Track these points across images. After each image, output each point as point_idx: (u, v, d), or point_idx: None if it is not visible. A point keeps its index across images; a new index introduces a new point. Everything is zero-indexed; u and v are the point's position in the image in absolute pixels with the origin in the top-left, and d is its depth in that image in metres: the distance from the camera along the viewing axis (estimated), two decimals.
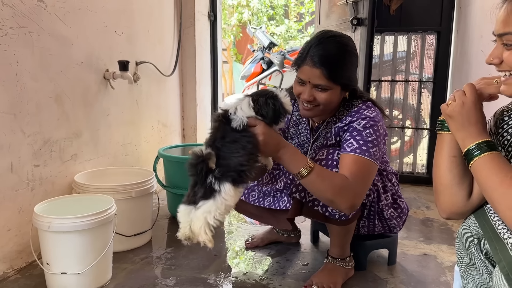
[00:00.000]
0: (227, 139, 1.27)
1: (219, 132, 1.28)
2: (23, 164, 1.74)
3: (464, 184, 1.03)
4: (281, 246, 2.02)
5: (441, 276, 1.75)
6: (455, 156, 1.04)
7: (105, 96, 2.27)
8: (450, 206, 1.06)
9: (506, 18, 0.90)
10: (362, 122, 1.47)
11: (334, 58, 1.44)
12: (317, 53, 1.44)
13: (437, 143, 1.10)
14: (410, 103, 3.21)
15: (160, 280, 1.69)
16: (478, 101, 0.99)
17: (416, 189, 3.04)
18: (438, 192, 1.09)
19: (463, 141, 0.98)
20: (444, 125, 1.06)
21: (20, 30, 1.68)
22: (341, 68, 1.45)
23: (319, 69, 1.43)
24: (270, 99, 1.31)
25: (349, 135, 1.47)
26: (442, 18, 2.96)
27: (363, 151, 1.43)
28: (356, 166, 1.41)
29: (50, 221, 1.49)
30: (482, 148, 0.94)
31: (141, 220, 1.99)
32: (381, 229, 1.70)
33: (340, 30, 3.11)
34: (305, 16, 10.10)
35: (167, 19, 2.95)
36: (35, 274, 1.71)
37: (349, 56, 1.49)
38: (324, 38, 1.47)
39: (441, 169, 1.07)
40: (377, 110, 1.53)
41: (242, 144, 1.26)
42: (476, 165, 0.94)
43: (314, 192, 1.41)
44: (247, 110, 1.29)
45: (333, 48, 1.45)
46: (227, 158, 1.24)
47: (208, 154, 1.23)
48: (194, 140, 3.28)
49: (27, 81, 1.74)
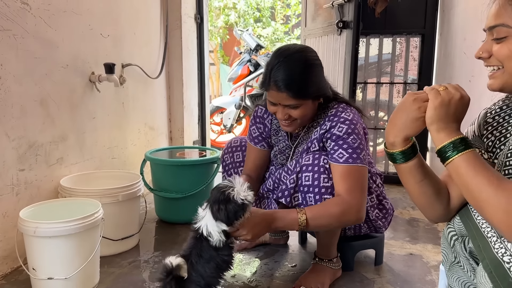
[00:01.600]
0: (204, 257, 1.30)
1: (196, 249, 1.31)
2: (8, 169, 1.72)
3: (441, 197, 1.03)
4: (269, 248, 2.03)
5: (427, 275, 1.78)
6: (422, 180, 1.01)
7: (91, 99, 2.26)
8: (436, 217, 1.08)
9: (497, 11, 0.90)
10: (343, 127, 1.48)
11: (296, 78, 1.42)
12: (279, 77, 1.42)
13: (398, 173, 1.05)
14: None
15: (148, 284, 1.68)
16: None
17: (402, 189, 3.07)
18: (421, 209, 1.09)
19: (437, 135, 0.91)
20: (395, 158, 1.01)
21: (4, 32, 1.66)
22: (306, 85, 1.44)
23: (285, 92, 1.43)
24: (222, 204, 1.28)
25: (335, 145, 1.48)
26: (426, 21, 3.01)
27: (354, 159, 1.46)
28: (352, 178, 1.44)
29: (36, 226, 1.48)
30: (459, 146, 0.88)
31: (128, 223, 1.98)
32: (367, 229, 1.73)
33: (326, 33, 3.14)
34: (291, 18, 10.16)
35: (154, 21, 2.94)
36: (20, 280, 1.68)
37: (311, 69, 1.46)
38: (281, 59, 1.44)
39: (415, 194, 1.05)
40: (353, 110, 1.55)
41: (217, 263, 1.31)
42: (455, 164, 0.89)
43: (322, 229, 1.51)
44: (210, 227, 1.30)
45: (293, 68, 1.43)
46: (200, 276, 1.29)
47: (177, 266, 1.25)
48: (181, 143, 3.27)
49: (11, 84, 1.71)
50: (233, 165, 1.89)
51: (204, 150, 2.69)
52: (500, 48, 0.91)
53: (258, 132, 1.75)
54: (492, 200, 0.83)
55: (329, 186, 1.48)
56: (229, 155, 1.90)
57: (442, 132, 0.91)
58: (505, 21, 0.88)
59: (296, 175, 1.53)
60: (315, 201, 1.49)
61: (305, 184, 1.50)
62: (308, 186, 1.50)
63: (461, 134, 0.91)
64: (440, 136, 0.91)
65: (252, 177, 1.74)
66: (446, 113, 0.91)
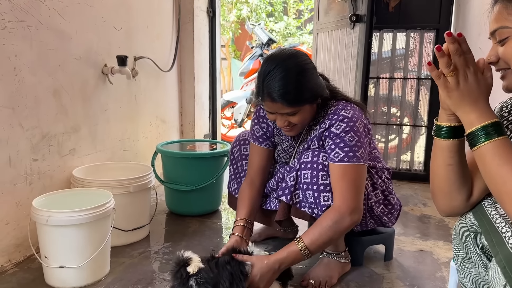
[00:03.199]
0: None
1: None
2: (21, 158, 1.74)
3: (464, 189, 1.01)
4: (278, 241, 2.03)
5: (437, 272, 1.76)
6: (452, 165, 0.99)
7: (103, 91, 2.27)
8: (450, 208, 1.05)
9: (495, 16, 0.92)
10: (341, 126, 1.46)
11: (289, 87, 1.39)
12: (272, 88, 1.40)
13: (433, 148, 1.04)
14: (408, 101, 3.21)
15: (157, 274, 1.70)
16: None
17: (413, 186, 3.05)
18: (437, 196, 1.06)
19: (468, 118, 0.88)
20: (441, 130, 0.98)
21: (18, 24, 1.68)
22: (300, 91, 1.42)
23: (279, 102, 1.42)
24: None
25: (333, 143, 1.47)
26: (440, 15, 2.96)
27: (350, 158, 1.44)
28: (346, 179, 1.43)
29: (48, 214, 1.50)
30: (490, 132, 0.85)
31: (139, 214, 1.99)
32: (374, 224, 1.71)
33: (338, 27, 3.11)
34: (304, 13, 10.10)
35: (166, 14, 2.94)
36: (33, 268, 1.71)
37: (303, 75, 1.43)
38: (272, 67, 1.41)
39: (438, 177, 1.03)
40: (354, 107, 1.52)
41: None
42: (483, 151, 0.86)
43: (328, 245, 1.51)
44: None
45: (285, 77, 1.40)
46: None
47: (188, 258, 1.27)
48: (192, 136, 3.28)
49: (26, 75, 1.73)
50: (240, 157, 1.89)
51: (214, 144, 2.70)
52: (504, 49, 0.92)
53: (262, 131, 1.73)
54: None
55: (328, 183, 1.47)
56: (237, 148, 1.90)
57: (471, 114, 0.88)
58: (504, 23, 0.90)
59: (296, 173, 1.53)
60: (314, 198, 1.49)
61: (304, 181, 1.50)
62: (308, 184, 1.49)
63: (493, 116, 0.88)
64: (470, 118, 0.88)
65: (256, 183, 1.72)
66: (462, 96, 0.88)
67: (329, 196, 1.47)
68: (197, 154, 2.38)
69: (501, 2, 0.92)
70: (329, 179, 1.47)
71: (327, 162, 1.49)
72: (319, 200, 1.48)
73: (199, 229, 2.19)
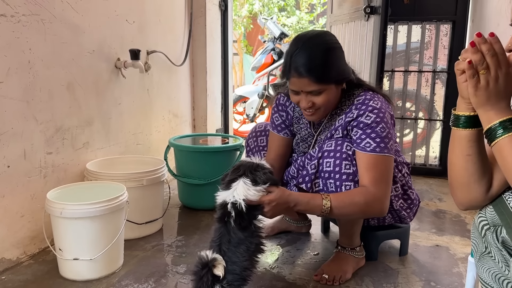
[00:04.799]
0: (233, 243, 1.28)
1: (225, 237, 1.29)
2: (36, 151, 1.75)
3: (483, 180, 0.98)
4: (291, 236, 2.02)
5: (454, 268, 1.73)
6: (470, 155, 0.97)
7: (117, 85, 2.28)
8: (468, 201, 1.03)
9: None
10: (372, 116, 1.44)
11: (317, 62, 1.40)
12: (299, 62, 1.40)
13: (451, 139, 1.02)
14: (423, 94, 3.16)
15: (170, 267, 1.70)
16: None
17: (429, 181, 3.01)
18: (455, 188, 1.04)
19: (487, 115, 0.89)
20: (459, 120, 0.98)
21: (32, 17, 1.69)
22: (327, 68, 1.41)
23: (306, 77, 1.40)
24: (263, 169, 1.33)
25: (363, 133, 1.45)
26: (457, 7, 2.90)
27: (382, 148, 1.42)
28: (377, 168, 1.42)
29: (62, 207, 1.51)
30: (507, 126, 0.86)
31: (152, 208, 2.00)
32: (391, 220, 1.69)
33: (352, 19, 3.07)
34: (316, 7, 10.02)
35: (178, 8, 2.93)
36: (48, 260, 1.73)
37: (332, 53, 1.43)
38: (300, 44, 1.42)
39: (456, 167, 1.01)
40: (381, 98, 1.51)
41: (247, 246, 1.28)
42: (501, 145, 0.87)
43: (344, 217, 1.49)
44: (246, 192, 1.28)
45: (313, 52, 1.40)
46: (235, 263, 1.26)
47: (213, 260, 1.24)
48: (204, 131, 3.28)
49: (40, 68, 1.74)
50: (257, 149, 1.87)
51: (227, 138, 2.69)
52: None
53: (281, 119, 1.73)
54: None
55: (351, 173, 1.45)
56: (253, 139, 1.89)
57: (491, 112, 0.88)
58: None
59: (318, 161, 1.51)
60: (335, 187, 1.46)
61: (326, 170, 1.48)
62: (329, 172, 1.47)
63: (502, 115, 0.87)
64: (489, 115, 0.89)
65: (275, 167, 1.70)
66: (489, 96, 0.88)
67: (351, 186, 1.45)
68: (210, 148, 2.37)
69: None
70: (353, 168, 1.45)
71: (351, 152, 1.46)
72: (340, 189, 1.46)
73: (212, 222, 2.18)
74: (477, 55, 0.86)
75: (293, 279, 1.63)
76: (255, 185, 1.29)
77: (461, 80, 0.91)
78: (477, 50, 0.86)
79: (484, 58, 0.86)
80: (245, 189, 1.28)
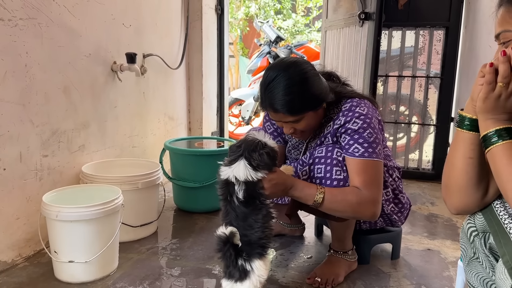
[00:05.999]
0: (240, 217, 1.32)
1: (232, 213, 1.33)
2: (32, 154, 1.77)
3: (480, 185, 1.00)
4: (285, 239, 2.04)
5: (444, 271, 1.76)
6: (472, 158, 0.98)
7: (113, 88, 2.29)
8: (463, 205, 1.04)
9: (500, 20, 0.96)
10: (359, 122, 1.47)
11: (290, 97, 1.41)
12: (273, 99, 1.42)
13: (454, 140, 1.04)
14: (417, 99, 3.19)
15: (165, 270, 1.71)
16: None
17: (422, 185, 3.04)
18: (451, 191, 1.05)
19: (485, 123, 0.92)
20: (464, 121, 0.99)
21: (29, 21, 1.70)
22: (301, 100, 1.42)
23: (281, 112, 1.44)
24: (261, 149, 1.33)
25: (351, 139, 1.47)
26: (450, 13, 2.94)
27: (370, 153, 1.45)
28: (367, 172, 1.44)
29: (58, 210, 1.52)
30: (502, 135, 0.89)
31: (147, 211, 2.01)
32: (382, 223, 1.72)
33: (347, 25, 3.10)
34: (312, 10, 10.06)
35: (175, 12, 2.95)
36: (43, 262, 1.74)
37: (305, 83, 1.43)
38: (274, 76, 1.43)
39: (456, 170, 1.02)
40: (367, 104, 1.53)
41: (254, 219, 1.32)
42: (494, 152, 0.90)
43: (335, 213, 1.48)
44: (245, 172, 1.31)
45: (286, 86, 1.41)
46: (247, 235, 1.30)
47: (231, 233, 1.27)
48: (200, 133, 3.30)
49: (36, 72, 1.76)
50: None
51: (222, 141, 2.71)
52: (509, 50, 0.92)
53: (273, 128, 1.75)
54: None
55: (341, 179, 1.48)
56: None
57: (489, 120, 0.91)
58: (506, 27, 0.94)
59: (309, 167, 1.53)
60: None
61: (317, 176, 1.50)
62: (320, 178, 1.50)
63: (509, 124, 0.90)
64: (487, 123, 0.92)
65: None
66: (494, 107, 0.90)
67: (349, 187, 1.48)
68: (204, 151, 2.39)
69: (504, 6, 0.94)
70: (343, 174, 1.48)
71: (342, 158, 1.49)
72: None
73: (206, 225, 2.21)
74: (504, 65, 0.88)
75: (286, 282, 1.65)
76: (254, 169, 1.31)
77: (478, 82, 0.92)
78: (507, 61, 0.88)
79: (510, 72, 0.88)
80: (244, 171, 1.31)
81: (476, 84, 0.94)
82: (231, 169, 1.33)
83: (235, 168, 1.32)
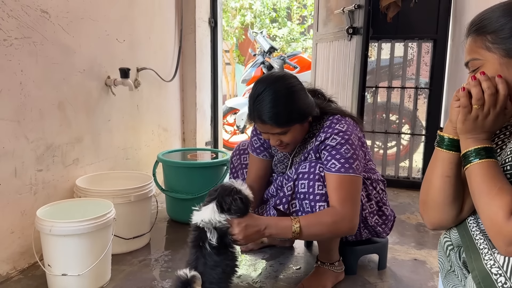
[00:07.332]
0: (209, 265, 1.35)
1: (201, 260, 1.36)
2: (27, 169, 1.81)
3: (456, 203, 1.03)
4: (275, 250, 2.08)
5: (429, 281, 1.80)
6: (449, 176, 1.02)
7: (107, 102, 2.34)
8: (439, 221, 1.08)
9: (467, 48, 1.01)
10: (337, 139, 1.52)
11: (278, 109, 1.47)
12: (261, 111, 1.49)
13: (433, 158, 1.07)
14: (407, 109, 3.25)
15: (157, 282, 1.75)
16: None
17: (412, 194, 3.09)
18: (428, 207, 1.09)
19: (466, 142, 0.96)
20: (443, 141, 1.03)
21: (24, 40, 1.75)
22: (288, 113, 1.49)
23: (269, 124, 1.50)
24: (235, 194, 1.37)
25: (329, 155, 1.53)
26: (438, 26, 3.01)
27: (347, 169, 1.50)
28: (343, 188, 1.49)
29: (51, 225, 1.56)
30: (480, 153, 0.93)
31: (139, 223, 2.05)
32: (368, 235, 1.76)
33: (337, 38, 3.17)
34: (307, 18, 10.15)
35: (168, 26, 3.01)
36: (37, 275, 1.77)
37: (292, 96, 1.50)
38: (262, 89, 1.50)
39: (433, 187, 1.05)
40: (348, 121, 1.58)
41: (223, 268, 1.36)
42: (471, 169, 0.94)
43: (315, 239, 1.54)
44: (210, 214, 1.35)
45: (274, 99, 1.48)
46: (211, 283, 1.33)
47: (193, 277, 1.30)
48: (194, 144, 3.34)
49: (31, 89, 1.80)
50: (240, 167, 1.94)
51: (215, 153, 2.75)
52: None
53: (259, 142, 1.80)
54: (484, 208, 0.89)
55: (324, 194, 1.53)
56: (237, 157, 1.96)
57: (469, 140, 0.96)
58: (474, 55, 0.99)
59: (293, 183, 1.58)
60: (311, 207, 1.54)
61: (301, 191, 1.56)
62: (304, 193, 1.55)
63: (488, 143, 0.95)
64: (467, 142, 0.96)
65: (254, 188, 1.77)
66: (474, 127, 0.95)
67: (324, 206, 1.52)
68: (197, 163, 2.43)
69: (471, 36, 1.00)
70: (325, 189, 1.53)
71: (324, 173, 1.54)
72: (315, 210, 1.53)
73: None
74: (476, 89, 0.92)
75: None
76: (221, 213, 1.35)
77: (454, 105, 0.97)
78: (478, 84, 0.92)
79: (482, 94, 0.92)
80: (209, 214, 1.35)
81: (452, 107, 0.99)
82: (201, 212, 1.38)
83: (203, 211, 1.37)
